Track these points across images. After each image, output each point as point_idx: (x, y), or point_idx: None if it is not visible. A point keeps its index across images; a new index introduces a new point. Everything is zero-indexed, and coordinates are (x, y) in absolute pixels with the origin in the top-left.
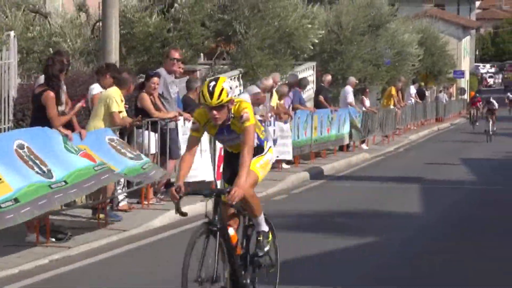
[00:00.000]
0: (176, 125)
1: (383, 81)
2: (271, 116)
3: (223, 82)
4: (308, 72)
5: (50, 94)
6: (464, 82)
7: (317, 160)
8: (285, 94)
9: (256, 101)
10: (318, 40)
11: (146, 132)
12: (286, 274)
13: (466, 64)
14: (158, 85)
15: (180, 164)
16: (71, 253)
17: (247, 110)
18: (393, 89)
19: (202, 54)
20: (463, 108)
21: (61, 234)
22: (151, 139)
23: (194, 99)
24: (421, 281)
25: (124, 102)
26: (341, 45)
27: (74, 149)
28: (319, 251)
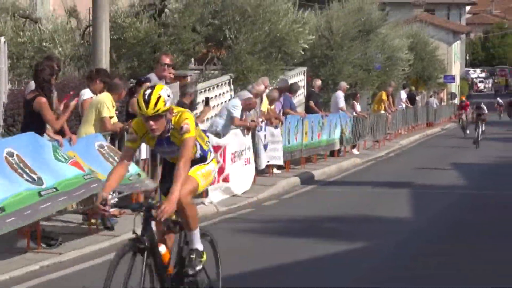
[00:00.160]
0: None
1: (374, 86)
2: (262, 121)
3: (160, 90)
4: (299, 77)
5: (42, 100)
6: (455, 87)
7: (308, 165)
8: (276, 99)
9: (248, 106)
10: (309, 46)
11: None
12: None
13: (457, 69)
14: None
15: (109, 175)
16: (62, 259)
17: (188, 121)
18: (384, 94)
19: (193, 59)
20: (454, 113)
21: (52, 240)
22: (142, 145)
23: (188, 104)
24: (418, 283)
25: (115, 108)
26: (332, 50)
27: (64, 157)
28: (310, 256)
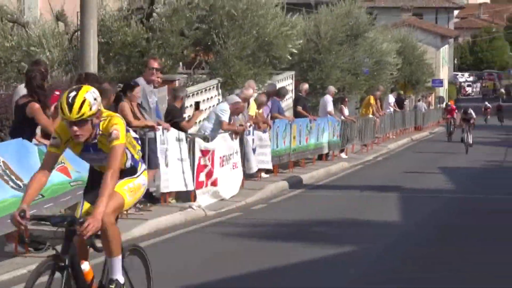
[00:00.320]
0: (155, 135)
1: (362, 90)
2: (250, 126)
3: (86, 93)
4: (287, 82)
5: (35, 106)
6: (443, 91)
7: (296, 169)
8: (264, 103)
9: (236, 111)
10: (297, 50)
11: None
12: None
13: (445, 73)
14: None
15: (29, 184)
16: None
17: (118, 127)
18: (372, 98)
19: (181, 64)
20: (442, 117)
21: (40, 245)
22: None
23: (179, 108)
24: (407, 285)
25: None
26: (320, 54)
27: None
28: (298, 260)
